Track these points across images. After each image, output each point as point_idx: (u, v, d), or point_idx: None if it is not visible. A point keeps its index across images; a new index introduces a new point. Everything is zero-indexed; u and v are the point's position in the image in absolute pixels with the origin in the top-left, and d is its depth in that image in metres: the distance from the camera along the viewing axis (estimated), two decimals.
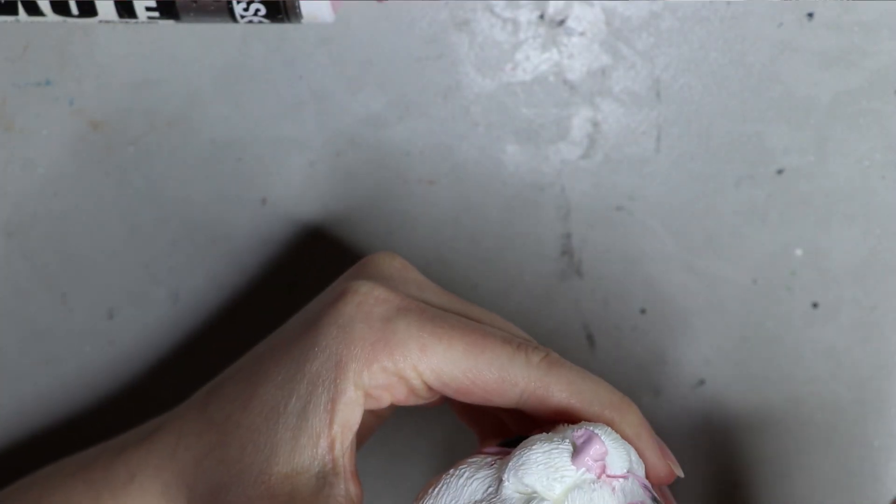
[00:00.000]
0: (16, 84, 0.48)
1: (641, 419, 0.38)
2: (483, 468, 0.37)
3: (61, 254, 0.50)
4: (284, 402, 0.37)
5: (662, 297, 0.50)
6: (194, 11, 0.44)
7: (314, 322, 0.38)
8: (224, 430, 0.38)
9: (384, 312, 0.37)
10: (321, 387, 0.36)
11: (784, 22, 0.47)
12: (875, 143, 0.48)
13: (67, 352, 0.51)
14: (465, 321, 0.38)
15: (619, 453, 0.36)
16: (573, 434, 0.36)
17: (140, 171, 0.49)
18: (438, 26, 0.47)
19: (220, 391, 0.40)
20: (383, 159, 0.49)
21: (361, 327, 0.37)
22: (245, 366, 0.40)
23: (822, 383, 0.51)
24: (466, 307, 0.40)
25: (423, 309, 0.38)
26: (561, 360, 0.38)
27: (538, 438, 0.36)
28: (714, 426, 0.51)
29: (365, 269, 0.40)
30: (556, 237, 0.50)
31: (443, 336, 0.37)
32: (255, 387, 0.38)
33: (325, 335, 0.37)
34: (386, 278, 0.39)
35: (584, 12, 0.47)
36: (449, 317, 0.38)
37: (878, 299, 0.50)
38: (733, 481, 0.52)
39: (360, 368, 0.37)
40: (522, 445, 0.36)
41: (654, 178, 0.49)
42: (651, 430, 0.39)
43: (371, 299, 0.37)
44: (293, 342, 0.38)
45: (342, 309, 0.37)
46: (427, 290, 0.40)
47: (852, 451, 0.51)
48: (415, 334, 0.37)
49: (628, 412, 0.38)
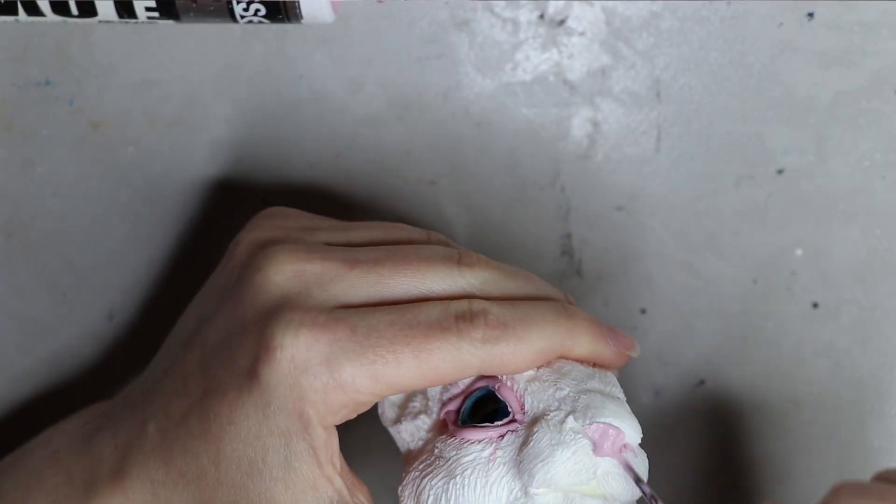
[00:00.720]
0: (16, 84, 0.48)
1: (590, 334, 0.39)
2: (490, 469, 0.37)
3: (61, 254, 0.50)
4: (262, 457, 0.37)
5: (662, 297, 0.50)
6: (194, 12, 0.44)
7: (252, 376, 0.37)
8: (203, 486, 0.38)
9: (321, 357, 0.36)
10: (294, 438, 0.37)
11: (784, 22, 0.47)
12: (875, 143, 0.48)
13: (67, 352, 0.51)
14: (397, 318, 0.37)
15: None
16: (586, 431, 0.37)
17: (140, 171, 0.49)
18: (438, 26, 0.47)
19: (173, 432, 0.39)
20: (383, 159, 0.49)
21: (307, 381, 0.36)
22: (190, 402, 0.39)
23: (822, 383, 0.51)
24: (364, 232, 0.41)
25: (353, 328, 0.37)
26: (499, 317, 0.37)
27: (541, 437, 0.37)
28: (714, 426, 0.51)
29: (262, 256, 0.39)
30: (556, 237, 0.50)
31: (388, 357, 0.36)
32: (218, 444, 0.37)
33: (276, 395, 0.36)
34: (289, 257, 0.39)
35: (584, 12, 0.47)
36: (382, 324, 0.37)
37: (878, 299, 0.50)
38: (733, 481, 0.52)
39: (322, 414, 0.37)
40: (534, 455, 0.37)
41: (654, 178, 0.49)
42: (599, 334, 0.39)
43: (301, 349, 0.36)
44: (239, 393, 0.37)
45: (278, 369, 0.36)
46: (321, 232, 0.40)
47: (852, 451, 0.51)
48: (361, 369, 0.36)
49: (578, 339, 0.39)
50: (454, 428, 0.39)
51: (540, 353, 0.38)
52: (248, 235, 0.40)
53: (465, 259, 0.39)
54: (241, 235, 0.41)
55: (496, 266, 0.39)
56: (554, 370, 0.38)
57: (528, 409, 0.38)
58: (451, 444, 0.38)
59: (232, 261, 0.40)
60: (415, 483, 0.39)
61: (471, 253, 0.39)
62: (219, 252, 0.42)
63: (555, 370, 0.38)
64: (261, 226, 0.41)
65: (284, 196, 0.49)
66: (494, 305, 0.38)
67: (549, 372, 0.38)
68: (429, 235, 0.42)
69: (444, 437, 0.39)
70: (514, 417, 0.38)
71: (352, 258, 0.38)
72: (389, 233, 0.41)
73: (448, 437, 0.39)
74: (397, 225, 0.42)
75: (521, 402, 0.38)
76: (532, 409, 0.38)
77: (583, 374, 0.38)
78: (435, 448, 0.39)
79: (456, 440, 0.38)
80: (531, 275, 0.40)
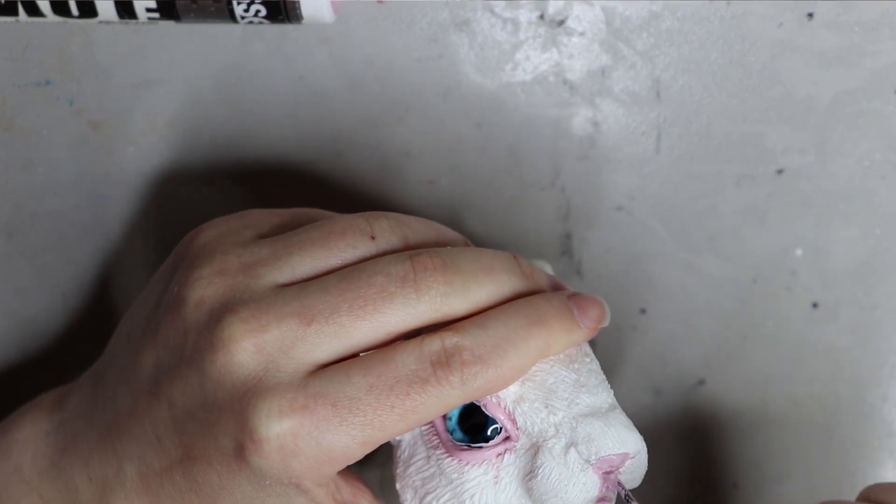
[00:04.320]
0: (16, 84, 0.48)
1: (564, 331, 0.39)
2: (498, 492, 0.38)
3: (61, 254, 0.50)
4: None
5: (662, 297, 0.50)
6: (194, 12, 0.44)
7: (241, 460, 0.37)
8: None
9: (308, 440, 0.36)
10: (294, 499, 0.37)
11: (784, 22, 0.47)
12: (875, 143, 0.48)
13: (67, 352, 0.51)
14: (375, 381, 0.36)
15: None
16: (594, 467, 0.38)
17: (140, 171, 0.49)
18: (438, 26, 0.47)
19: (156, 480, 0.39)
20: (383, 159, 0.49)
21: (298, 462, 0.36)
22: (170, 459, 0.39)
23: (822, 383, 0.51)
24: (304, 254, 0.39)
25: (334, 403, 0.36)
26: (474, 350, 0.37)
27: (549, 472, 0.38)
28: (714, 426, 0.51)
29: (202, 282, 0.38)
30: (556, 237, 0.50)
31: (375, 424, 0.36)
32: (213, 500, 0.38)
33: (268, 475, 0.36)
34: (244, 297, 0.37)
35: (584, 12, 0.47)
36: (361, 391, 0.36)
37: (878, 299, 0.50)
38: (733, 481, 0.52)
39: (317, 480, 0.37)
40: (545, 490, 0.38)
41: (654, 178, 0.49)
42: (572, 325, 0.39)
43: (288, 438, 0.36)
44: (228, 469, 0.37)
45: (267, 458, 0.36)
46: (263, 269, 0.38)
47: (852, 451, 0.51)
48: (350, 441, 0.36)
49: (554, 342, 0.39)
50: (450, 444, 0.39)
51: (520, 372, 0.38)
52: (191, 289, 0.38)
53: (420, 275, 0.37)
54: (183, 275, 0.39)
55: (451, 266, 0.38)
56: (538, 385, 0.39)
57: (522, 427, 0.38)
58: (450, 464, 0.39)
59: (181, 312, 0.38)
60: (416, 491, 0.39)
61: (423, 261, 0.38)
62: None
63: (539, 385, 0.39)
64: (199, 266, 0.39)
65: (284, 196, 0.49)
66: (466, 335, 0.37)
67: (533, 389, 0.38)
68: (371, 228, 0.39)
69: (441, 453, 0.39)
70: (508, 435, 0.38)
71: (306, 310, 0.37)
72: (330, 243, 0.39)
73: (445, 453, 0.39)
74: (333, 226, 0.39)
75: (512, 418, 0.38)
76: (526, 427, 0.38)
77: (568, 385, 0.39)
78: (431, 457, 0.39)
79: (455, 461, 0.39)
80: (479, 252, 0.39)
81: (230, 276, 0.38)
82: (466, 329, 0.37)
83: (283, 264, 0.38)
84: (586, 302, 0.40)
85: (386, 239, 0.39)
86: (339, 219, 0.39)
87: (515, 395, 0.38)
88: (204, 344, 0.37)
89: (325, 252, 0.38)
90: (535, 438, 0.38)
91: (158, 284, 0.41)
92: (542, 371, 0.39)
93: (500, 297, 0.39)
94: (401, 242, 0.39)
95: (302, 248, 0.38)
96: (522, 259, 0.40)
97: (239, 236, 0.39)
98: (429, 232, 0.40)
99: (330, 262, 0.38)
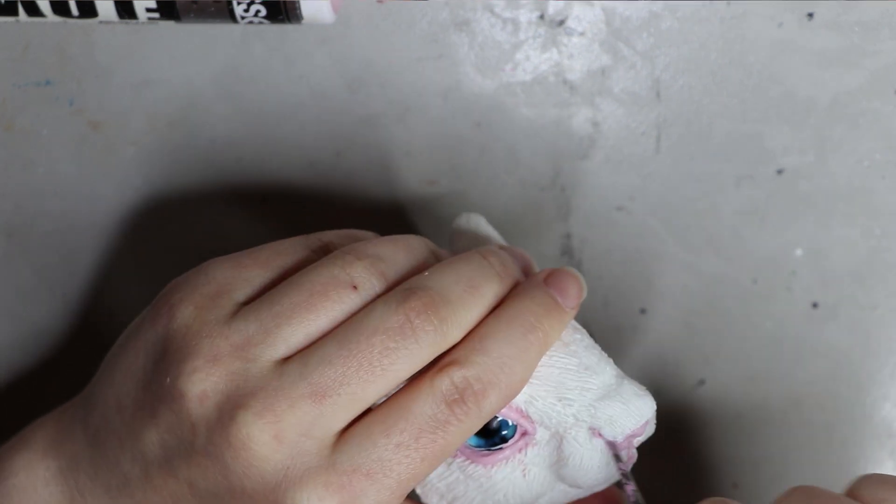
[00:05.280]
0: (16, 84, 0.48)
1: (557, 325, 0.39)
2: (531, 483, 0.39)
3: (61, 254, 0.50)
4: None
5: (662, 297, 0.50)
6: (194, 12, 0.44)
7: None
8: None
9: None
10: None
11: (784, 22, 0.47)
12: (875, 143, 0.48)
13: (67, 352, 0.51)
14: (402, 440, 0.37)
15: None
16: (619, 447, 0.39)
17: (140, 171, 0.49)
18: (438, 26, 0.47)
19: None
20: (383, 159, 0.49)
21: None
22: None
23: (822, 383, 0.51)
24: (297, 321, 0.38)
25: (367, 473, 0.36)
26: (482, 378, 0.37)
27: (578, 460, 0.39)
28: (714, 426, 0.51)
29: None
30: (556, 237, 0.50)
31: (409, 479, 0.37)
32: None
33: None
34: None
35: (584, 12, 0.47)
36: (389, 451, 0.36)
37: (878, 299, 0.50)
38: (733, 481, 0.52)
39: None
40: (577, 475, 0.39)
41: (654, 178, 0.49)
42: (562, 316, 0.39)
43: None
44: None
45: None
46: (257, 349, 0.38)
47: (852, 451, 0.51)
48: (388, 498, 0.36)
49: (550, 339, 0.39)
50: (470, 452, 0.39)
51: (527, 379, 0.38)
52: (188, 382, 0.37)
53: (415, 322, 0.37)
54: (174, 367, 0.37)
55: (439, 300, 0.38)
56: (544, 381, 0.39)
57: (538, 421, 0.39)
58: (475, 469, 0.39)
59: (184, 406, 0.37)
60: (442, 496, 0.40)
61: (414, 305, 0.37)
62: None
63: (545, 380, 0.39)
64: (189, 357, 0.38)
65: (284, 196, 0.49)
66: (472, 365, 0.37)
67: (541, 386, 0.39)
68: (350, 277, 0.38)
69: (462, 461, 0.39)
70: (525, 430, 0.39)
71: (316, 388, 0.36)
72: (315, 306, 0.38)
73: (467, 461, 0.39)
74: (313, 285, 0.38)
75: (526, 415, 0.39)
76: (543, 421, 0.39)
77: (573, 371, 0.39)
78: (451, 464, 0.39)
79: (479, 467, 0.39)
80: (456, 269, 0.39)
81: (225, 363, 0.37)
82: (470, 359, 0.37)
83: (274, 340, 0.38)
84: (564, 281, 0.40)
85: (367, 285, 0.38)
86: (314, 274, 0.38)
87: (525, 395, 0.39)
88: (220, 441, 0.37)
89: (314, 316, 0.38)
90: (554, 429, 0.38)
91: (139, 355, 0.40)
92: (545, 365, 0.39)
93: (488, 309, 0.39)
94: (381, 283, 0.39)
95: (290, 318, 0.38)
96: (491, 255, 0.40)
97: (218, 310, 0.38)
98: (401, 257, 0.40)
99: (320, 324, 0.38)
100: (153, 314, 0.40)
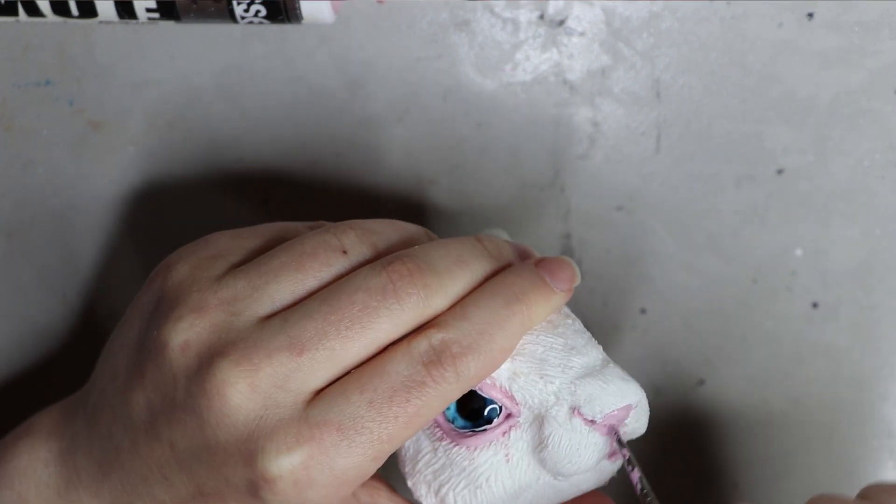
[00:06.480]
0: (16, 84, 0.48)
1: (543, 301, 0.39)
2: (512, 469, 0.39)
3: (61, 254, 0.50)
4: None
5: (662, 297, 0.50)
6: (194, 12, 0.44)
7: (256, 498, 0.37)
8: None
9: (320, 469, 0.36)
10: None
11: (784, 22, 0.47)
12: (875, 143, 0.48)
13: (67, 352, 0.51)
14: (375, 396, 0.37)
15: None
16: (600, 425, 0.38)
17: (140, 171, 0.49)
18: (438, 26, 0.47)
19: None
20: (383, 159, 0.49)
21: (315, 491, 0.36)
22: (180, 497, 0.39)
23: (822, 383, 0.51)
24: (283, 280, 0.38)
25: (339, 427, 0.36)
26: (461, 342, 0.37)
27: (559, 440, 0.38)
28: (714, 426, 0.51)
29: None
30: (556, 237, 0.50)
31: (383, 438, 0.37)
32: None
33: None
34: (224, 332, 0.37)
35: (584, 12, 0.47)
36: (362, 408, 0.36)
37: (878, 299, 0.50)
38: (733, 481, 0.52)
39: (338, 502, 0.37)
40: (559, 458, 0.38)
41: (654, 178, 0.49)
42: (549, 293, 0.39)
43: (300, 472, 0.36)
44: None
45: (284, 494, 0.36)
46: (243, 303, 0.38)
47: (852, 451, 0.51)
48: (363, 460, 0.37)
49: (535, 314, 0.39)
50: (454, 434, 0.39)
51: (509, 350, 0.38)
52: (172, 332, 0.38)
53: (398, 284, 0.37)
54: (162, 317, 0.38)
55: (425, 267, 0.38)
56: (528, 358, 0.39)
57: (521, 401, 0.39)
58: (458, 452, 0.39)
59: (166, 356, 0.38)
60: (429, 485, 0.40)
61: (398, 268, 0.38)
62: None
63: (529, 357, 0.39)
64: (177, 307, 0.38)
65: (284, 196, 0.49)
66: (450, 328, 0.37)
67: (525, 362, 0.39)
68: (341, 242, 0.39)
69: (447, 443, 0.39)
70: (510, 412, 0.39)
71: (295, 341, 0.37)
72: (304, 266, 0.38)
73: (451, 443, 0.39)
74: (303, 246, 0.39)
75: (510, 395, 0.39)
76: (526, 401, 0.39)
77: (558, 350, 0.39)
78: (437, 449, 0.39)
79: (463, 448, 0.39)
80: (446, 245, 0.39)
81: (210, 315, 0.38)
82: (449, 322, 0.37)
83: (261, 295, 0.38)
84: (555, 265, 0.40)
85: (357, 251, 0.39)
86: (307, 238, 0.39)
87: (508, 372, 0.39)
88: (197, 390, 0.37)
89: (301, 275, 0.38)
90: (536, 410, 0.38)
91: (135, 321, 0.40)
92: (530, 343, 0.39)
93: (475, 283, 0.39)
94: (371, 251, 0.39)
95: (277, 276, 0.38)
96: (486, 239, 0.40)
97: (212, 269, 0.39)
98: (394, 234, 0.40)
99: (307, 284, 0.38)
100: (152, 277, 0.40)
